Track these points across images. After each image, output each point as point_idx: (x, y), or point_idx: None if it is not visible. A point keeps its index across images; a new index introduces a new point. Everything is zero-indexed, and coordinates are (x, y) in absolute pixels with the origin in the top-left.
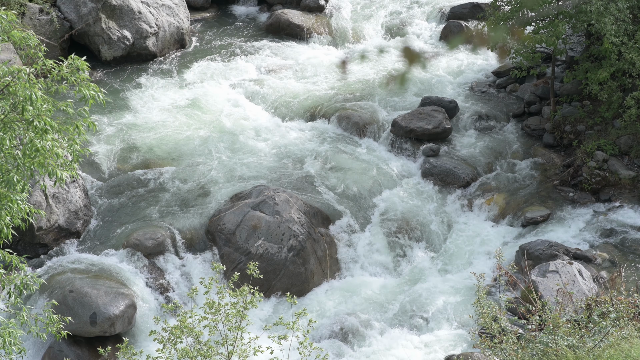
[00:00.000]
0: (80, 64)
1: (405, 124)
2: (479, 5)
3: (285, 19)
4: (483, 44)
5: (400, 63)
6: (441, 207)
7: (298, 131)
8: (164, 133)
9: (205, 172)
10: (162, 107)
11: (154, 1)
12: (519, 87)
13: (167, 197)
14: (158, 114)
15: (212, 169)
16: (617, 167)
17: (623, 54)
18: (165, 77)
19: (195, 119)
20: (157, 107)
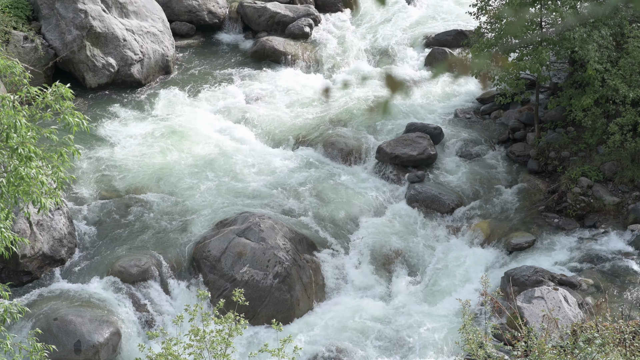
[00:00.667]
0: (65, 91)
1: (391, 150)
2: (463, 33)
3: (270, 46)
4: (465, 71)
5: (383, 90)
6: (426, 233)
7: (283, 158)
8: (148, 160)
9: (190, 199)
10: (146, 133)
11: (139, 28)
12: (504, 113)
13: (152, 224)
14: (142, 141)
15: (197, 196)
16: (601, 193)
17: (606, 80)
18: (150, 104)
19: (180, 146)
20: (141, 133)
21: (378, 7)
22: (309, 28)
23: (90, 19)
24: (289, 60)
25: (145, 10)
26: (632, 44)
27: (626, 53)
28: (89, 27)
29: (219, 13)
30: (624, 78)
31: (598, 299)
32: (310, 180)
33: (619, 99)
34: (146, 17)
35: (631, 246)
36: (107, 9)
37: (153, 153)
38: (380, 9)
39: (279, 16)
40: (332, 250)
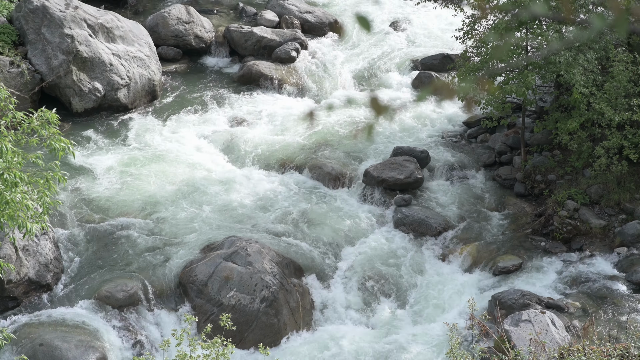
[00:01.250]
0: (51, 116)
1: (377, 174)
2: (449, 57)
3: (256, 70)
4: (450, 96)
5: (368, 114)
6: (413, 257)
7: (270, 182)
8: (135, 184)
9: (177, 223)
10: (133, 158)
11: (126, 53)
12: (490, 137)
13: (139, 249)
14: (129, 166)
15: (184, 220)
16: (588, 217)
17: (592, 104)
18: (136, 129)
19: (167, 170)
20: (127, 158)
21: (364, 33)
22: (296, 52)
23: (76, 43)
24: (276, 84)
25: (132, 35)
26: (617, 67)
27: (611, 77)
28: (75, 52)
29: (206, 37)
30: (609, 101)
31: (585, 322)
32: (296, 204)
33: (604, 123)
34: (133, 41)
35: (618, 269)
36: (94, 33)
37: (139, 177)
38: (366, 34)
39: (266, 40)
40: (319, 274)
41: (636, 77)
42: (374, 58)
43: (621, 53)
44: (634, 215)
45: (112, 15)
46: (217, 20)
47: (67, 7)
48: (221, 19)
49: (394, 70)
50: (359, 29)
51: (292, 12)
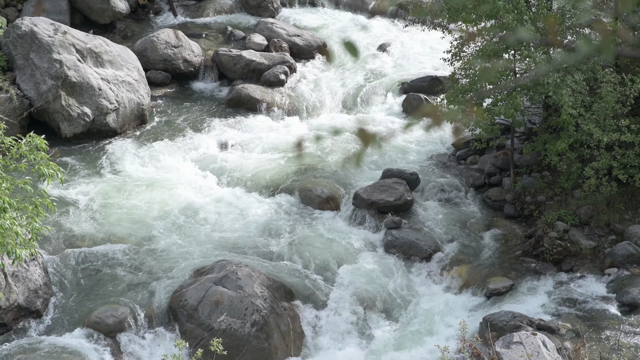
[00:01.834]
0: (39, 142)
1: (367, 197)
2: (438, 79)
3: (245, 93)
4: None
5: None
6: (404, 279)
7: (260, 205)
8: (124, 209)
9: (167, 248)
10: (122, 182)
11: (114, 77)
12: (479, 158)
13: (128, 274)
14: (118, 190)
15: (174, 245)
16: (578, 237)
17: (581, 125)
18: (125, 153)
19: (156, 194)
20: (116, 183)
21: (352, 58)
22: (285, 75)
23: (65, 68)
24: (265, 107)
25: (121, 60)
26: (605, 88)
27: (599, 98)
28: (64, 76)
29: (195, 61)
30: (597, 122)
31: (576, 344)
32: (287, 227)
33: (593, 144)
34: (121, 66)
35: (608, 290)
36: (82, 58)
37: (129, 202)
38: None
39: (255, 64)
40: (310, 298)
41: (624, 98)
42: (363, 81)
43: (609, 74)
44: (623, 236)
45: (101, 39)
46: (206, 44)
47: (55, 32)
48: (210, 42)
49: (383, 93)
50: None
51: (281, 36)
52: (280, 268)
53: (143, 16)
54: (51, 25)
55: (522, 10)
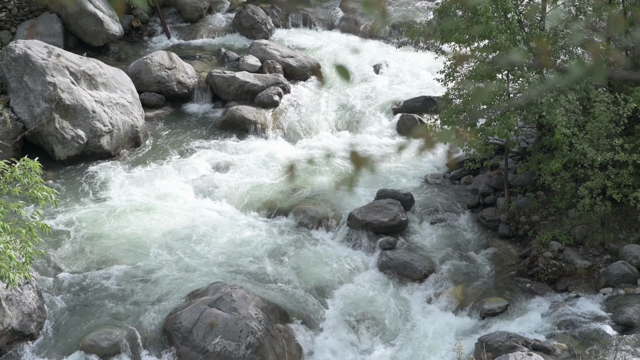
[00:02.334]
0: (33, 165)
1: (362, 217)
2: (432, 99)
3: (239, 115)
4: (430, 146)
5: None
6: (399, 300)
7: (254, 226)
8: (118, 231)
9: (162, 270)
10: (116, 205)
11: (108, 100)
12: (473, 178)
13: (123, 296)
14: (112, 213)
15: (169, 267)
16: (572, 257)
17: (574, 144)
18: (119, 176)
19: (150, 217)
20: (111, 205)
21: (343, 82)
22: (278, 97)
23: (59, 91)
24: (259, 129)
25: (115, 82)
26: (598, 108)
27: (593, 117)
28: (57, 99)
29: (188, 83)
30: (591, 142)
31: None
32: (281, 248)
33: (587, 163)
34: (115, 88)
35: (603, 310)
36: (76, 81)
37: (123, 224)
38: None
39: (248, 85)
40: (304, 319)
41: (617, 118)
42: (356, 101)
43: (602, 93)
44: (618, 255)
45: (95, 62)
46: (200, 65)
47: (49, 55)
48: (203, 64)
49: (377, 114)
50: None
51: (274, 57)
52: (275, 290)
53: (137, 38)
54: (45, 48)
55: (514, 31)
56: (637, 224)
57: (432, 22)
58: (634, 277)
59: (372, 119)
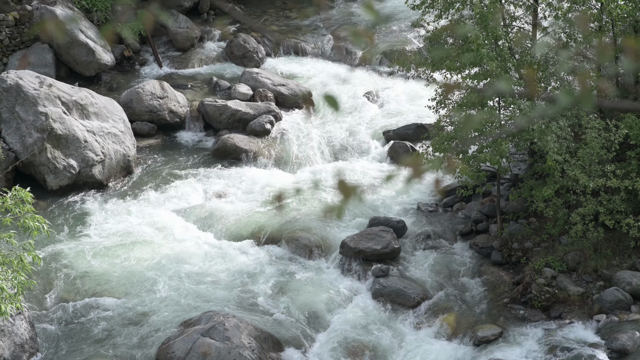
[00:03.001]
0: (25, 195)
1: (354, 245)
2: (423, 126)
3: (231, 143)
4: (418, 175)
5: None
6: (392, 328)
7: (247, 255)
8: (111, 261)
9: (154, 300)
10: (108, 235)
11: (100, 129)
12: (466, 205)
13: (115, 327)
14: (104, 242)
15: (161, 296)
16: (565, 284)
17: (566, 171)
18: (111, 205)
19: (143, 246)
20: (103, 235)
21: (332, 112)
22: (270, 125)
23: (50, 121)
24: (251, 157)
25: (106, 111)
26: (589, 134)
27: (584, 143)
28: (49, 129)
29: (180, 112)
30: (583, 168)
31: None
32: (274, 276)
33: (579, 189)
34: (107, 117)
35: (597, 336)
36: (68, 111)
37: (115, 255)
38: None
39: (240, 114)
40: (298, 348)
41: (609, 144)
42: (348, 129)
43: (593, 120)
44: (611, 281)
45: (86, 92)
46: (192, 94)
47: (41, 85)
48: (195, 93)
49: (368, 141)
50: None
51: (266, 85)
52: (268, 318)
53: (128, 68)
54: (37, 78)
55: (505, 58)
56: (630, 250)
57: (422, 51)
58: (627, 303)
59: (363, 147)
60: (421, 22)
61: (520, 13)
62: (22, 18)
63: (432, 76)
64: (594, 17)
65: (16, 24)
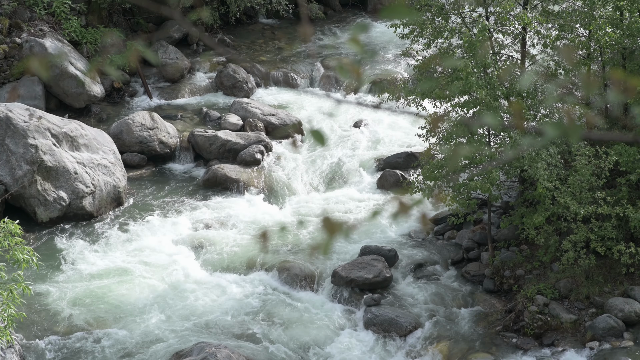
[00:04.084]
0: (14, 227)
1: (346, 274)
2: (414, 154)
3: (222, 173)
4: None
5: (324, 227)
6: (385, 357)
7: (238, 285)
8: (101, 293)
9: (145, 332)
10: (99, 266)
11: (90, 161)
12: (457, 233)
13: (107, 359)
14: (95, 274)
15: (152, 329)
16: (558, 311)
17: (557, 198)
18: (102, 237)
19: (134, 278)
20: (93, 267)
21: (318, 145)
22: (261, 155)
23: (40, 153)
24: (241, 187)
25: (96, 143)
26: (579, 161)
27: (574, 170)
28: (39, 161)
29: (170, 143)
30: (574, 195)
31: None
32: (266, 307)
33: (570, 216)
34: (97, 149)
35: None
36: (58, 143)
37: (106, 286)
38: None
39: (230, 144)
40: None
41: (599, 171)
42: (338, 158)
43: (583, 147)
44: (603, 308)
45: (76, 123)
46: (182, 125)
47: (31, 118)
48: (185, 124)
49: (358, 170)
50: (324, 129)
51: (256, 115)
52: (260, 348)
53: (118, 99)
54: (26, 110)
55: (494, 86)
56: (622, 277)
57: (411, 81)
58: (620, 330)
59: (354, 176)
60: (410, 50)
61: (508, 41)
62: (12, 51)
63: (421, 105)
64: (582, 45)
65: (5, 57)
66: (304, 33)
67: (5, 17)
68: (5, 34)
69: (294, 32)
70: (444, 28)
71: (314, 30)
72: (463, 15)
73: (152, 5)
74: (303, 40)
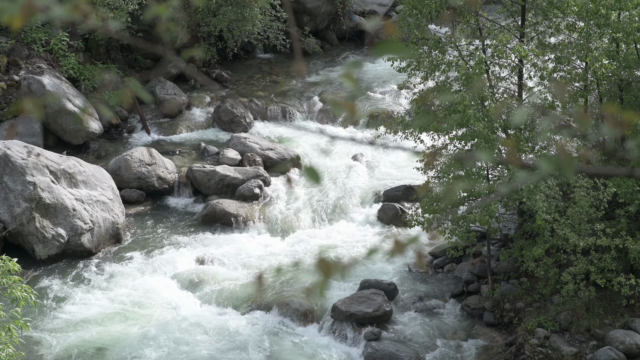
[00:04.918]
0: (12, 265)
1: (345, 309)
2: (412, 187)
3: (220, 208)
4: (400, 250)
5: (319, 268)
6: None
7: (237, 320)
8: (100, 330)
9: None
10: (98, 304)
11: (88, 197)
12: (456, 266)
13: None
14: (93, 311)
15: None
16: (559, 344)
17: (556, 230)
18: (101, 274)
19: (132, 314)
20: (92, 304)
21: (313, 184)
22: (259, 189)
23: (39, 190)
24: (240, 222)
25: (95, 179)
26: (578, 193)
27: (573, 202)
28: (38, 198)
29: (169, 178)
30: (573, 227)
31: None
32: (266, 342)
33: (569, 248)
34: (95, 185)
35: None
36: (56, 179)
37: (104, 323)
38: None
39: (229, 179)
40: None
41: (598, 202)
42: (337, 192)
43: (581, 179)
44: (604, 341)
45: (74, 160)
46: (180, 160)
47: (29, 155)
48: (183, 159)
49: (357, 204)
50: (320, 164)
51: (254, 150)
52: None
53: (116, 135)
54: (24, 147)
55: (492, 118)
56: (622, 309)
57: (409, 115)
58: None
59: (352, 210)
60: (407, 84)
61: (505, 74)
62: (10, 88)
63: (419, 138)
64: (579, 77)
65: (3, 94)
66: (297, 69)
67: (4, 54)
68: (3, 72)
69: (291, 67)
70: (441, 61)
71: (307, 66)
72: (460, 48)
73: (146, 45)
74: (297, 75)
